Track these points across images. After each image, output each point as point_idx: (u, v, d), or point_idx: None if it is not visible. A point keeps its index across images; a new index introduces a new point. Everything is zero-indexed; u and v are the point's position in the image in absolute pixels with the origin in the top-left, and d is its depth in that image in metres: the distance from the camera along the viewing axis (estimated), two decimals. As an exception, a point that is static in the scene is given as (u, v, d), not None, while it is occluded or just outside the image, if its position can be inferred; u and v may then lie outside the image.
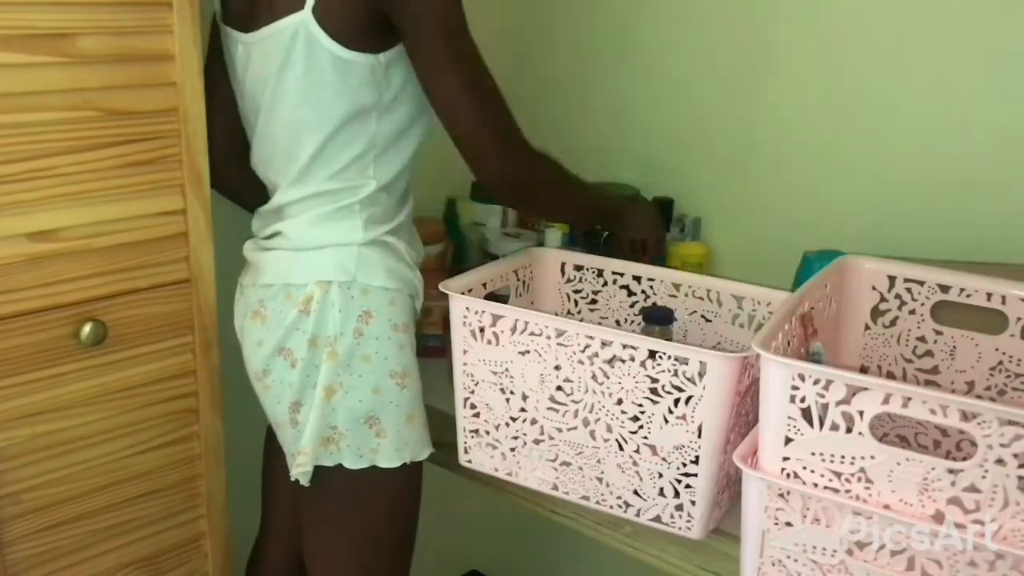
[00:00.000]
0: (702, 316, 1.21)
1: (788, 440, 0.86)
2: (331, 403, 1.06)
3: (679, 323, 1.21)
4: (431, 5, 1.00)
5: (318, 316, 1.06)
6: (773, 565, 0.91)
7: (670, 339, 1.14)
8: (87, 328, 1.04)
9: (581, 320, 1.26)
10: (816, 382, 0.83)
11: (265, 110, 1.09)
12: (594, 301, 1.28)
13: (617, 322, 1.27)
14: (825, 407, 0.83)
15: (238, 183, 1.20)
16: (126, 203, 1.06)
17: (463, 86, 1.02)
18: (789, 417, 0.85)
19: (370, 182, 1.08)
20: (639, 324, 1.21)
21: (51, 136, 0.99)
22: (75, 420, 1.07)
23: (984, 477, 0.78)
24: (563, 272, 1.29)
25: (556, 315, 1.17)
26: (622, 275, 1.25)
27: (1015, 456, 0.76)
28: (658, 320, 1.15)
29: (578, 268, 1.28)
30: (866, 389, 0.81)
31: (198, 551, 1.23)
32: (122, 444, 1.12)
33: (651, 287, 1.23)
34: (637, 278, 1.24)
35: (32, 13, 0.95)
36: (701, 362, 0.96)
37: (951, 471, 0.80)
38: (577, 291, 1.29)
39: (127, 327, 1.09)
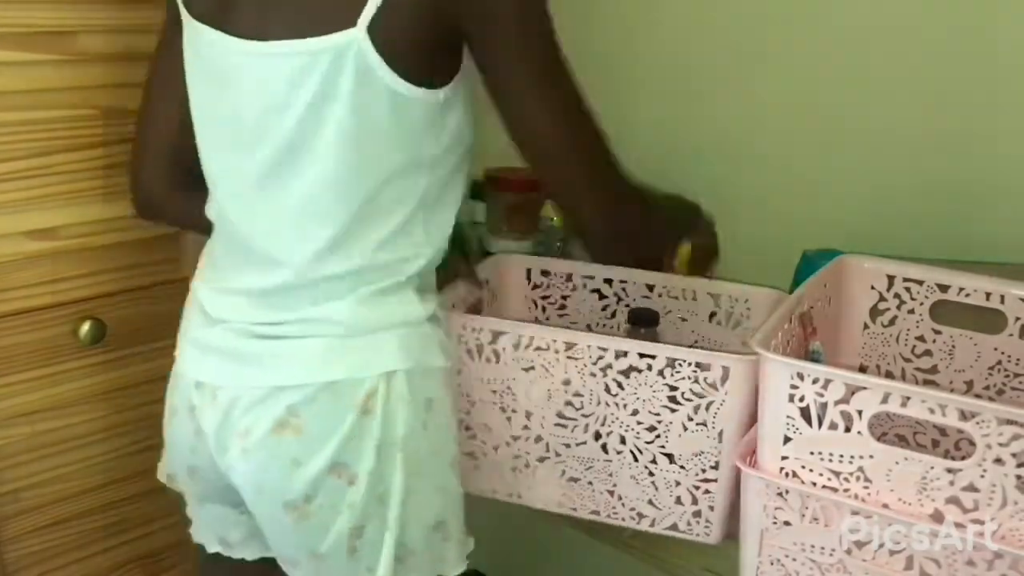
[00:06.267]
0: (679, 316, 1.18)
1: (787, 439, 0.86)
2: (404, 517, 0.90)
3: None
4: (512, 3, 0.81)
5: (385, 415, 0.86)
6: (772, 564, 0.91)
7: (656, 340, 1.12)
8: (86, 326, 1.05)
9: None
10: (815, 381, 0.83)
11: (277, 152, 0.84)
12: (563, 307, 1.24)
13: (589, 326, 1.23)
14: (824, 406, 0.83)
15: (187, 215, 0.96)
16: (125, 201, 1.05)
17: (550, 108, 0.85)
18: (788, 416, 0.85)
19: (424, 250, 0.90)
20: (612, 328, 1.18)
21: (50, 134, 0.99)
22: (74, 418, 1.07)
23: (983, 476, 0.78)
24: (529, 278, 1.24)
25: (527, 322, 1.14)
26: (592, 278, 1.21)
27: (1014, 456, 0.76)
28: (645, 322, 1.13)
29: (545, 273, 1.24)
30: (865, 388, 0.81)
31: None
32: (120, 442, 1.12)
33: (623, 289, 1.20)
34: (608, 280, 1.20)
35: (32, 11, 0.95)
36: (724, 367, 0.93)
37: (950, 470, 0.79)
38: (545, 297, 1.24)
39: (126, 325, 1.09)
